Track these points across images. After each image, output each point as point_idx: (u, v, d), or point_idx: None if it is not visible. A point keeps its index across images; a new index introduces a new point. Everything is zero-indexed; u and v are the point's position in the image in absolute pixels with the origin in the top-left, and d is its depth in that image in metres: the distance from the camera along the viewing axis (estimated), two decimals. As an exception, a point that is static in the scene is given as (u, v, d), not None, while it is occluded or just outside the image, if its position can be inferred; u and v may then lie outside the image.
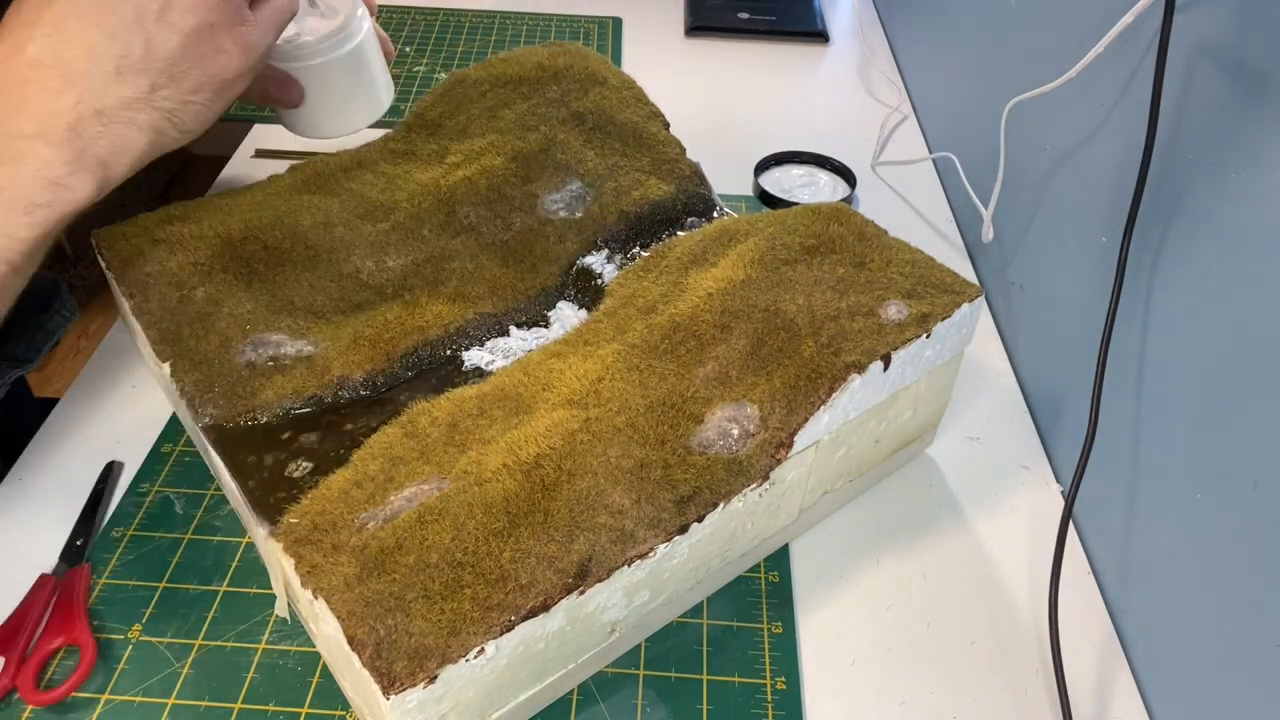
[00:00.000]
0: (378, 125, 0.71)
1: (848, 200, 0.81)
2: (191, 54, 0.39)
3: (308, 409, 0.49)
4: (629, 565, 0.42)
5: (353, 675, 0.40)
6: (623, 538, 0.41)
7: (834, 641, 0.51)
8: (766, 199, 0.81)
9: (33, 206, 0.37)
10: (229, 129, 0.82)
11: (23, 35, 0.37)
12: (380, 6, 1.09)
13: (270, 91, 0.60)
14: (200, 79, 0.39)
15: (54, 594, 0.49)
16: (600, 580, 0.41)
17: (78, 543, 0.52)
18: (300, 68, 0.60)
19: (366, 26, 0.62)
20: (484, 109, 0.64)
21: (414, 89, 0.95)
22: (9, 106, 0.37)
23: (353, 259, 0.55)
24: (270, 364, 0.50)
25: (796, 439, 0.46)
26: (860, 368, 0.46)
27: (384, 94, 0.65)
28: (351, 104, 0.63)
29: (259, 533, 0.44)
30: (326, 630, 0.40)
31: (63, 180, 0.38)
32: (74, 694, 0.46)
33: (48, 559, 0.51)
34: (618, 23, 1.08)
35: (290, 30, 0.60)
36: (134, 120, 0.39)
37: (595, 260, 0.57)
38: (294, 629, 0.49)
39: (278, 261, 0.55)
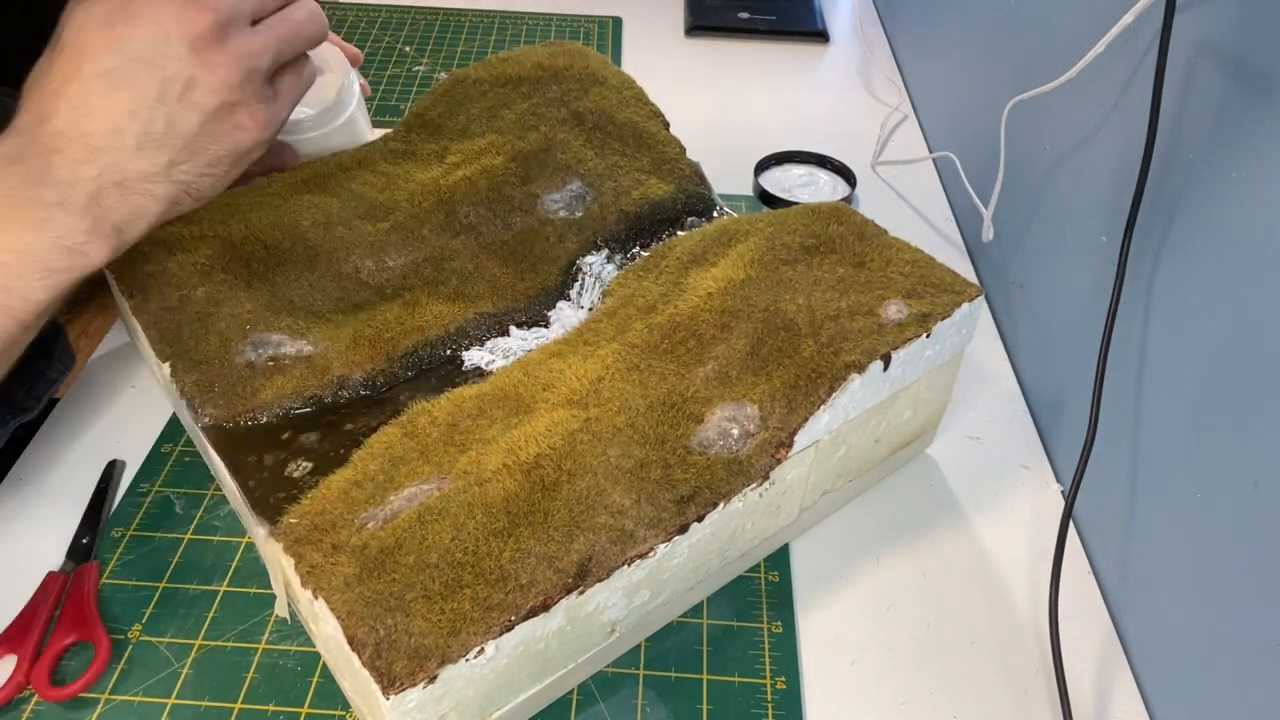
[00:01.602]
0: (378, 125, 0.72)
1: (848, 200, 0.81)
2: (211, 131, 0.40)
3: (308, 409, 0.49)
4: (629, 565, 0.42)
5: (353, 675, 0.40)
6: (623, 538, 0.42)
7: (834, 641, 0.51)
8: (766, 199, 0.81)
9: (49, 271, 0.39)
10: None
11: (49, 106, 0.39)
12: (380, 6, 1.09)
13: (268, 160, 0.63)
14: (218, 154, 0.41)
15: (63, 591, 0.49)
16: (600, 580, 0.41)
17: (84, 541, 0.52)
18: (298, 140, 0.63)
19: (356, 92, 0.66)
20: (484, 109, 0.64)
21: (414, 89, 0.95)
22: (34, 173, 0.38)
23: (352, 259, 0.55)
24: (270, 364, 0.50)
25: (796, 439, 0.46)
26: (860, 367, 0.46)
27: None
28: None
29: (259, 533, 0.44)
30: (326, 630, 0.40)
31: (80, 247, 0.39)
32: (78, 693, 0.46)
33: (52, 557, 0.51)
34: (618, 23, 1.08)
35: None
36: (151, 192, 0.40)
37: (595, 260, 0.57)
38: (294, 629, 0.49)
39: (277, 261, 0.55)
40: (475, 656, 0.38)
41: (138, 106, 0.38)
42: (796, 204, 0.69)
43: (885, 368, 0.48)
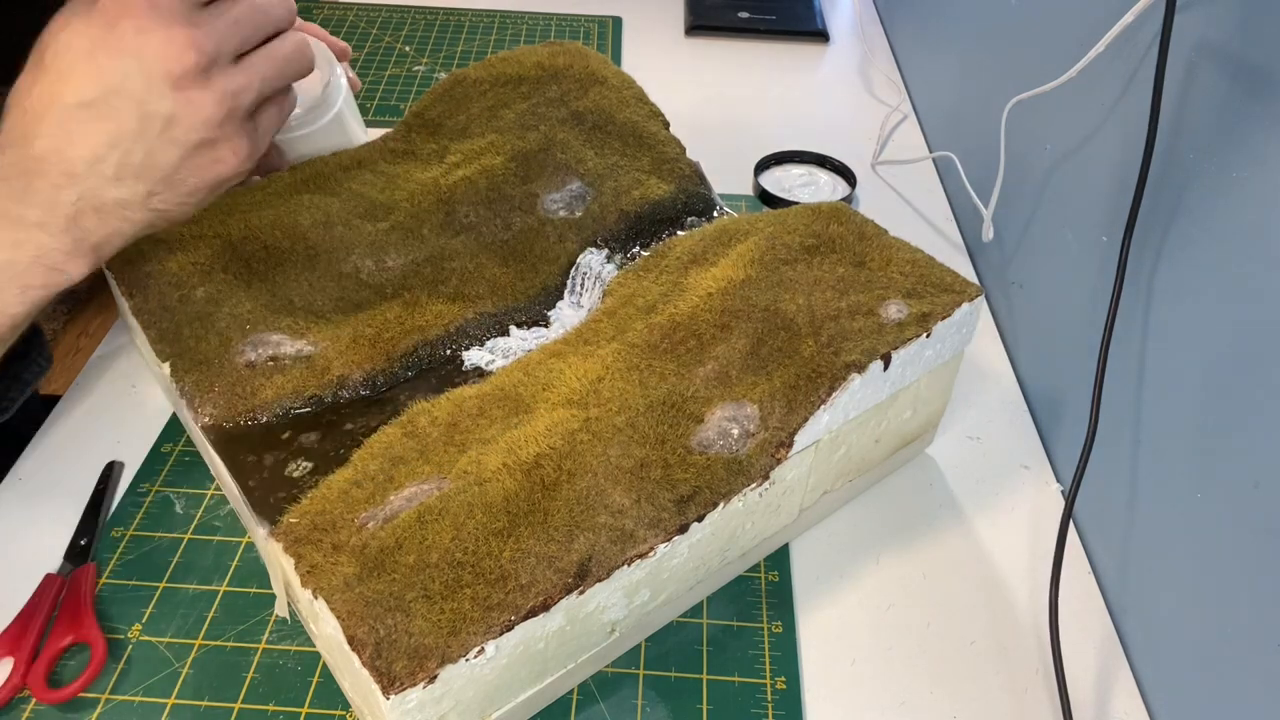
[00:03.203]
0: (379, 125, 0.72)
1: (848, 200, 0.81)
2: (190, 165, 0.40)
3: (308, 409, 0.49)
4: (629, 565, 0.42)
5: (353, 675, 0.40)
6: (623, 537, 0.41)
7: (834, 641, 0.51)
8: (766, 199, 0.81)
9: (26, 288, 0.41)
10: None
11: (32, 128, 0.39)
12: (380, 6, 1.09)
13: (260, 161, 0.63)
14: (195, 185, 0.41)
15: (61, 593, 0.49)
16: (600, 580, 0.41)
17: (82, 542, 0.52)
18: (286, 139, 0.62)
19: (344, 86, 0.65)
20: (484, 108, 0.64)
21: (414, 89, 0.95)
22: (16, 193, 0.40)
23: (352, 258, 0.55)
24: (270, 364, 0.50)
25: (796, 438, 0.46)
26: (860, 367, 0.46)
27: (360, 140, 0.68)
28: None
29: (259, 533, 0.44)
30: (326, 630, 0.40)
31: (59, 266, 0.41)
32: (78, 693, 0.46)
33: (51, 559, 0.51)
34: (618, 22, 1.08)
35: None
36: (128, 217, 0.41)
37: (595, 260, 0.57)
38: (294, 629, 0.49)
39: (277, 261, 0.55)
40: (475, 656, 0.38)
41: (117, 139, 0.39)
42: (796, 204, 0.69)
43: (885, 368, 0.48)
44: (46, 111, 0.39)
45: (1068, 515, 0.51)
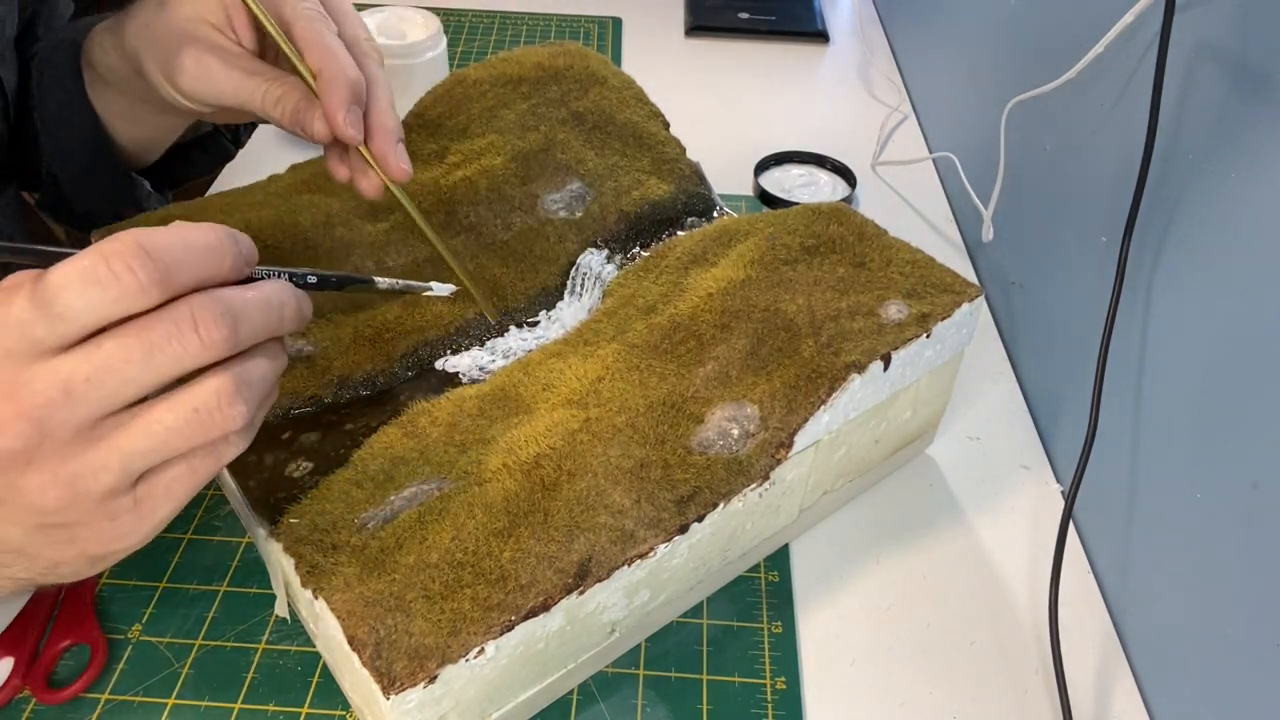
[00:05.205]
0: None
1: (848, 200, 0.81)
2: (39, 543, 0.33)
3: (308, 409, 0.49)
4: (629, 565, 0.42)
5: (353, 675, 0.40)
6: (623, 538, 0.41)
7: (834, 641, 0.51)
8: (766, 199, 0.81)
9: None
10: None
11: None
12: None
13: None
14: (58, 559, 0.34)
15: (61, 593, 0.49)
16: (600, 580, 0.41)
17: (78, 543, 0.52)
18: (392, 65, 0.77)
19: (443, 46, 0.82)
20: (484, 109, 0.64)
21: (414, 89, 0.95)
22: None
23: (353, 259, 0.55)
24: (270, 364, 0.50)
25: (796, 439, 0.46)
26: (860, 367, 0.46)
27: None
28: None
29: (259, 533, 0.44)
30: (326, 630, 0.40)
31: None
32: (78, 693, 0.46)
33: (48, 559, 0.51)
34: (618, 23, 1.08)
35: None
36: None
37: (595, 260, 0.57)
38: (294, 629, 0.49)
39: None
40: (475, 656, 0.38)
41: None
42: (796, 204, 0.69)
43: (885, 368, 0.48)
44: None
45: (1068, 515, 0.51)
